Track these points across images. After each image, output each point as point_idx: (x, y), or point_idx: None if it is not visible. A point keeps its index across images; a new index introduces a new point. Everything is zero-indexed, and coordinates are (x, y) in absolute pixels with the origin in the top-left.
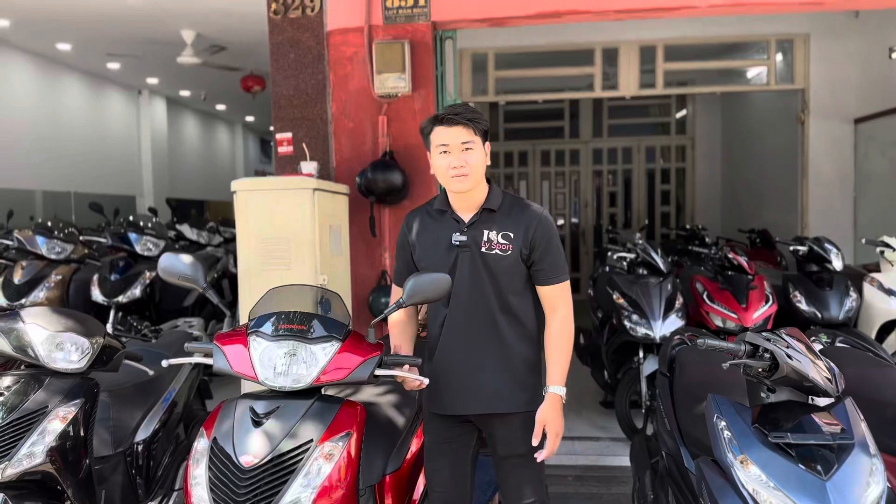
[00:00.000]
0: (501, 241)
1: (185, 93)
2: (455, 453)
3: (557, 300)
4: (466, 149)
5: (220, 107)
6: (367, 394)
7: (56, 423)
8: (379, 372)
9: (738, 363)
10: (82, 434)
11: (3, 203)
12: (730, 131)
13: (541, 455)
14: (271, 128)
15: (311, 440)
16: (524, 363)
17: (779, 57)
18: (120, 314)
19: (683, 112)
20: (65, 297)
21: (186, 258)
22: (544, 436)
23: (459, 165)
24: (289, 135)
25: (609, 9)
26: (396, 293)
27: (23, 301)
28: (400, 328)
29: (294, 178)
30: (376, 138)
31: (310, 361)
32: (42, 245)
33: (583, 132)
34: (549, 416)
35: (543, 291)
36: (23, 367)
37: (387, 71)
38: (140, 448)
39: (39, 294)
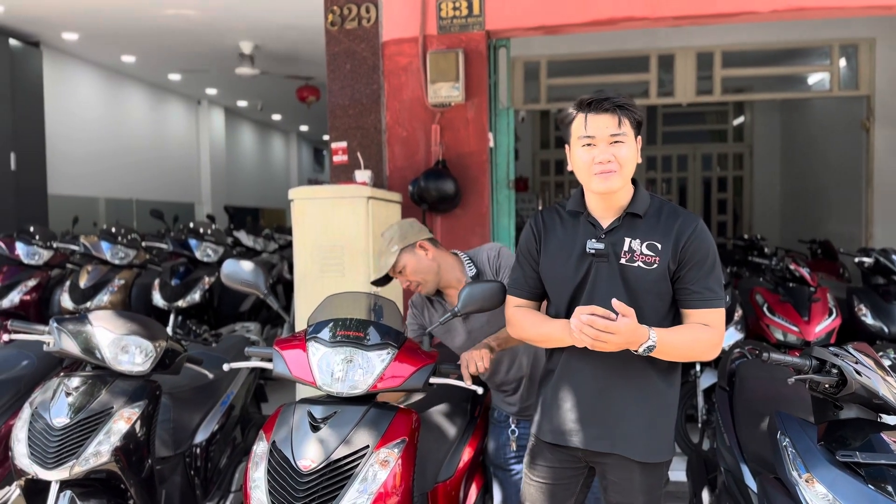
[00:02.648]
0: (646, 251)
1: (242, 103)
2: (554, 494)
3: (708, 325)
4: (615, 141)
5: (276, 116)
6: (419, 402)
7: (121, 423)
8: (433, 380)
9: (804, 378)
10: (145, 435)
11: (68, 209)
12: (790, 138)
13: (583, 310)
14: (325, 137)
15: (367, 446)
16: (659, 404)
17: (842, 62)
18: (180, 318)
19: (741, 119)
20: (127, 300)
21: (248, 265)
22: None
23: (606, 160)
24: (344, 144)
25: (666, 15)
26: (510, 303)
27: (88, 304)
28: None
29: (349, 187)
30: (429, 147)
31: (367, 368)
32: (107, 250)
33: None
34: (632, 324)
35: (690, 316)
36: (89, 368)
37: (440, 80)
38: (199, 450)
39: (104, 298)
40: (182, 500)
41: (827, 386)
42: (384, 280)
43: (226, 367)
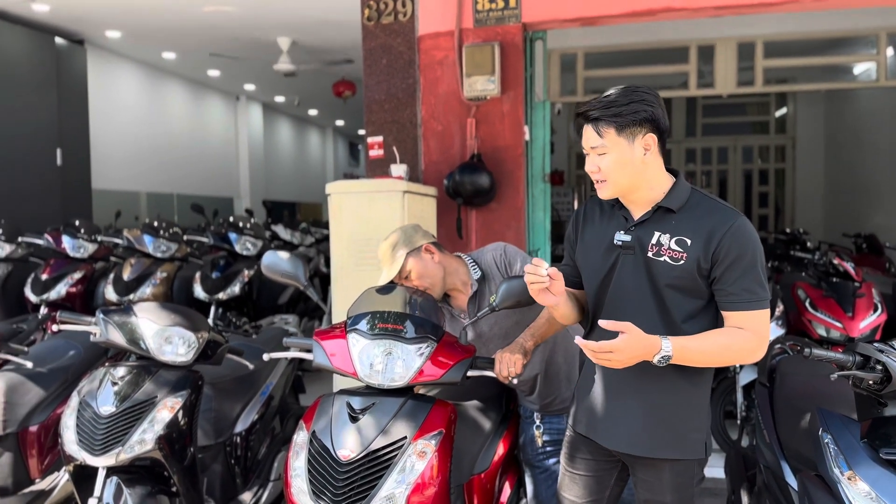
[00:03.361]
0: (674, 247)
1: (279, 98)
2: (588, 486)
3: (746, 328)
4: (598, 154)
5: (312, 111)
6: (453, 394)
7: (164, 412)
8: (470, 373)
9: (847, 375)
10: (187, 423)
11: (111, 204)
12: (834, 130)
13: (580, 340)
14: (361, 131)
15: (405, 437)
16: (687, 405)
17: (889, 51)
18: (220, 310)
19: (783, 110)
20: (169, 293)
21: (287, 256)
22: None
23: (592, 171)
24: (380, 138)
25: (707, 5)
26: None
27: (131, 296)
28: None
29: (385, 181)
30: (464, 141)
31: (406, 361)
32: (149, 244)
33: (675, 131)
34: (635, 335)
35: (728, 319)
36: (134, 358)
37: (476, 73)
38: (239, 439)
39: (146, 290)
40: (223, 488)
41: (871, 383)
42: (390, 286)
43: (266, 356)
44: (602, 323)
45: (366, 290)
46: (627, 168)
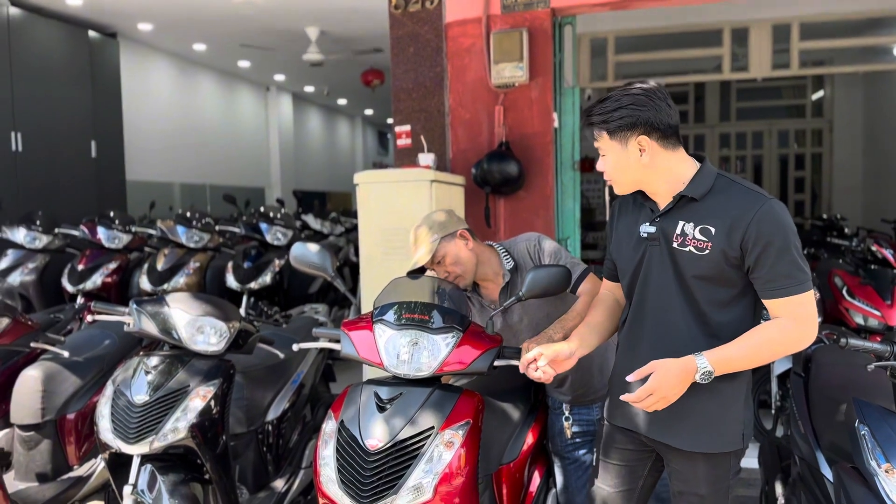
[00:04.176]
0: (699, 236)
1: (309, 88)
2: (622, 476)
3: (786, 315)
4: (602, 155)
5: (342, 101)
6: (482, 384)
7: (197, 401)
8: (497, 363)
9: (885, 365)
10: (220, 412)
11: (145, 195)
12: (873, 113)
13: (624, 396)
14: (389, 120)
15: (433, 427)
16: (725, 396)
17: None
18: (252, 299)
19: (820, 93)
20: (202, 283)
21: (315, 248)
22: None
23: (600, 170)
24: (407, 127)
25: None
26: (604, 287)
27: (165, 286)
28: (597, 318)
29: (412, 171)
30: (492, 129)
31: (432, 351)
32: (182, 234)
33: (709, 116)
34: (664, 369)
35: (770, 306)
36: (167, 347)
37: (504, 60)
38: (270, 427)
39: (180, 280)
40: (255, 476)
41: None
42: (419, 272)
43: (295, 347)
44: (629, 378)
45: (392, 281)
46: (626, 169)
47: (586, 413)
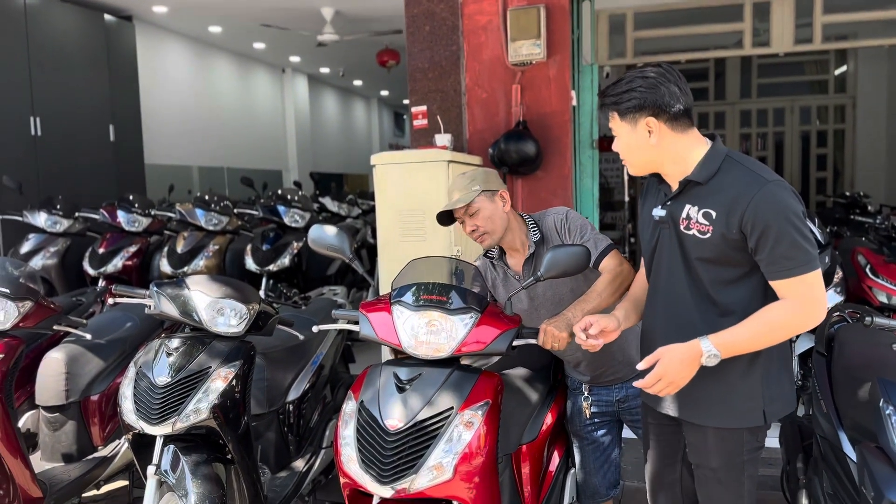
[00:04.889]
0: (701, 220)
1: (324, 70)
2: (660, 451)
3: (790, 296)
4: (615, 135)
5: (357, 82)
6: (501, 365)
7: (218, 382)
8: (516, 343)
9: None
10: (241, 393)
11: (164, 178)
12: None
13: (636, 383)
14: (405, 101)
15: (452, 408)
16: (727, 372)
17: None
18: (271, 282)
19: (844, 68)
20: (222, 265)
21: (332, 230)
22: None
23: (616, 151)
24: (423, 108)
25: None
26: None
27: (185, 269)
28: (638, 293)
29: (429, 151)
30: (509, 108)
31: (450, 332)
32: (201, 217)
33: (729, 93)
34: (670, 356)
35: (776, 288)
36: (187, 329)
37: (521, 38)
38: (291, 407)
39: (199, 262)
40: (276, 456)
41: None
42: (448, 218)
43: (315, 328)
44: (639, 367)
45: (410, 262)
46: (636, 150)
47: (605, 394)
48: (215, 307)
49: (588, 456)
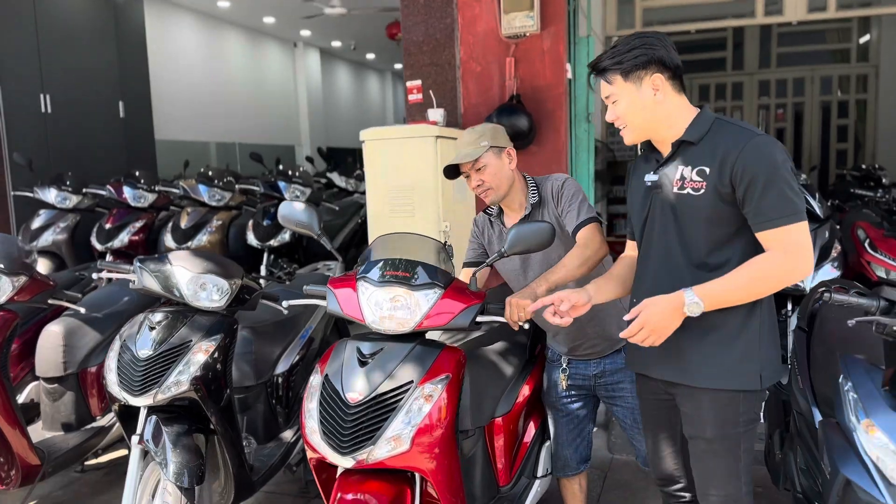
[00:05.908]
0: (695, 177)
1: (336, 43)
2: (656, 422)
3: (775, 248)
4: (612, 102)
5: (370, 56)
6: (477, 340)
7: (199, 355)
8: (480, 319)
9: (869, 320)
10: (223, 366)
11: (176, 154)
12: None
13: (622, 332)
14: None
15: (412, 381)
16: (721, 331)
17: None
18: (272, 256)
19: (867, 37)
20: (225, 240)
21: (301, 206)
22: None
23: (612, 119)
24: (418, 82)
25: None
26: (628, 247)
27: (189, 244)
28: (617, 269)
29: (417, 126)
30: (503, 82)
31: (413, 307)
32: (204, 193)
33: (748, 63)
34: (652, 304)
35: (762, 239)
36: (171, 305)
37: (514, 10)
38: (280, 380)
39: (203, 238)
40: (265, 427)
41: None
42: (454, 171)
43: (285, 303)
44: (625, 318)
45: (378, 238)
46: (641, 110)
47: (583, 368)
48: (197, 282)
49: (562, 428)
